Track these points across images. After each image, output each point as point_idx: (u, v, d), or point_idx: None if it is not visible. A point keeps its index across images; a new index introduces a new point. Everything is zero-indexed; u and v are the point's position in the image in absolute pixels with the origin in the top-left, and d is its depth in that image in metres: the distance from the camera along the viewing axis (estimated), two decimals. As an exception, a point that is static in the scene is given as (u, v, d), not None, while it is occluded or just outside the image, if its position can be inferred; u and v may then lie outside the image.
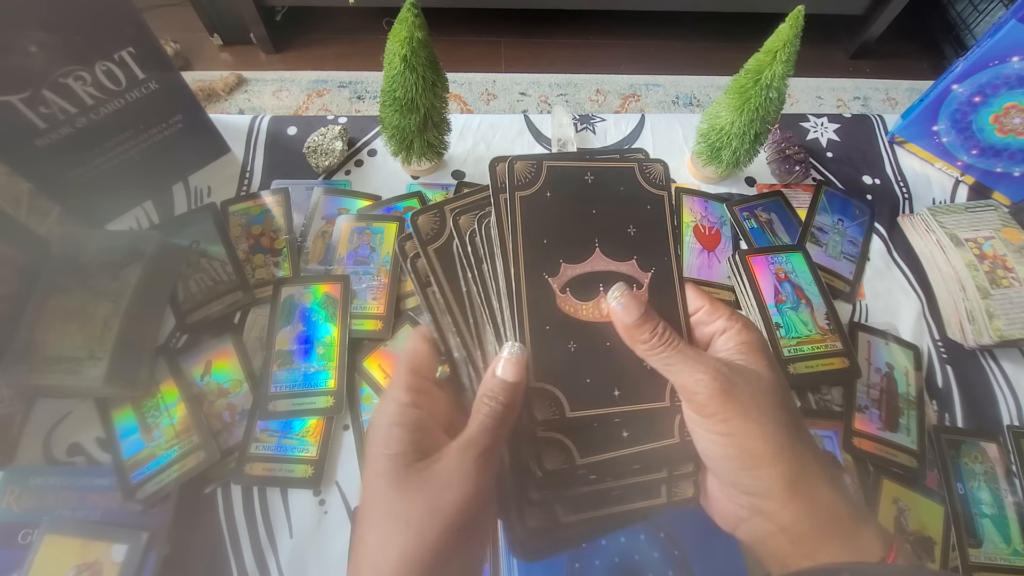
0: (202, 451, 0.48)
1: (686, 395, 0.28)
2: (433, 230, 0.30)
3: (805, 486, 0.26)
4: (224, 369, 0.53)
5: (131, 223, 0.61)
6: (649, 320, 0.28)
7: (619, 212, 0.31)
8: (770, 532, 0.27)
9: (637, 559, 0.42)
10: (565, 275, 0.30)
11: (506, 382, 0.27)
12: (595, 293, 0.30)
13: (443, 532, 0.24)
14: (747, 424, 0.26)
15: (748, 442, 0.26)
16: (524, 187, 0.30)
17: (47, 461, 0.49)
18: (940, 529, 0.49)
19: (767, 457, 0.26)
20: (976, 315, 0.58)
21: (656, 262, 0.31)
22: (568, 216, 0.30)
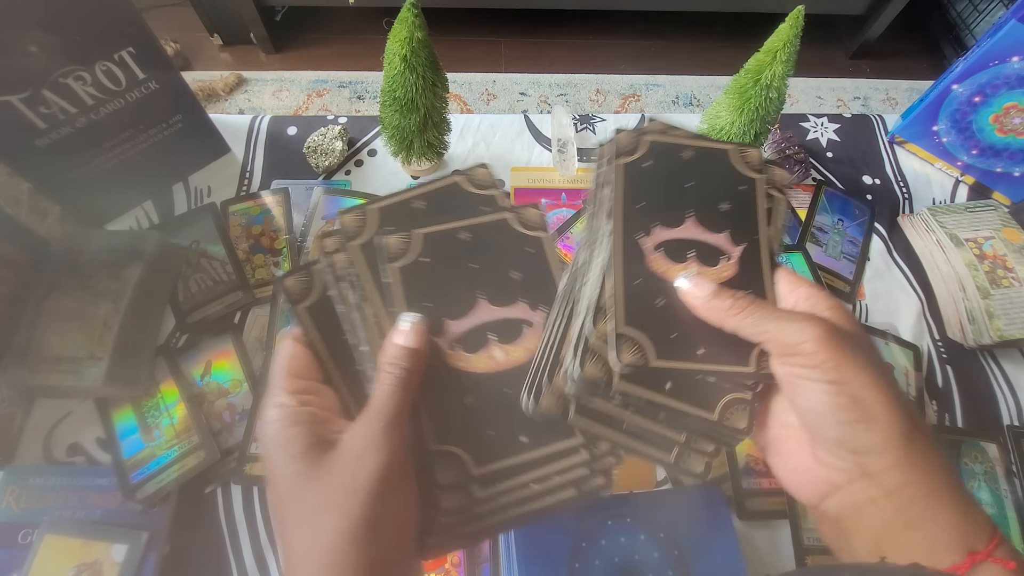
0: (202, 451, 0.48)
1: (788, 350, 0.26)
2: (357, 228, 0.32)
3: (919, 446, 0.24)
4: (224, 369, 0.53)
5: (131, 223, 0.61)
6: (724, 290, 0.28)
7: (714, 188, 0.32)
8: (871, 498, 0.24)
9: (637, 559, 0.42)
10: (658, 237, 0.31)
11: (406, 348, 0.27)
12: (486, 343, 0.30)
13: (365, 503, 0.23)
14: (857, 372, 0.24)
15: (861, 391, 0.24)
16: (626, 154, 0.32)
17: (47, 461, 0.49)
18: None
19: (882, 406, 0.24)
20: (976, 315, 0.58)
21: (747, 237, 0.32)
22: (664, 185, 0.32)
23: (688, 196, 0.32)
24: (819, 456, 0.27)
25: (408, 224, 0.31)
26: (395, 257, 0.30)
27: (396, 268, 0.30)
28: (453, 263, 0.31)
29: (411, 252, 0.30)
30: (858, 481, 0.25)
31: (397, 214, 0.33)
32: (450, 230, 0.32)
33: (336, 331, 0.30)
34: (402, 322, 0.28)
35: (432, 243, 0.31)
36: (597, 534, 0.42)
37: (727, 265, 0.31)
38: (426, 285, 0.30)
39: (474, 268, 0.31)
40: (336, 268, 0.31)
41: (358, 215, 0.32)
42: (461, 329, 0.30)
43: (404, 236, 0.31)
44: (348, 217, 0.32)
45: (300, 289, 0.31)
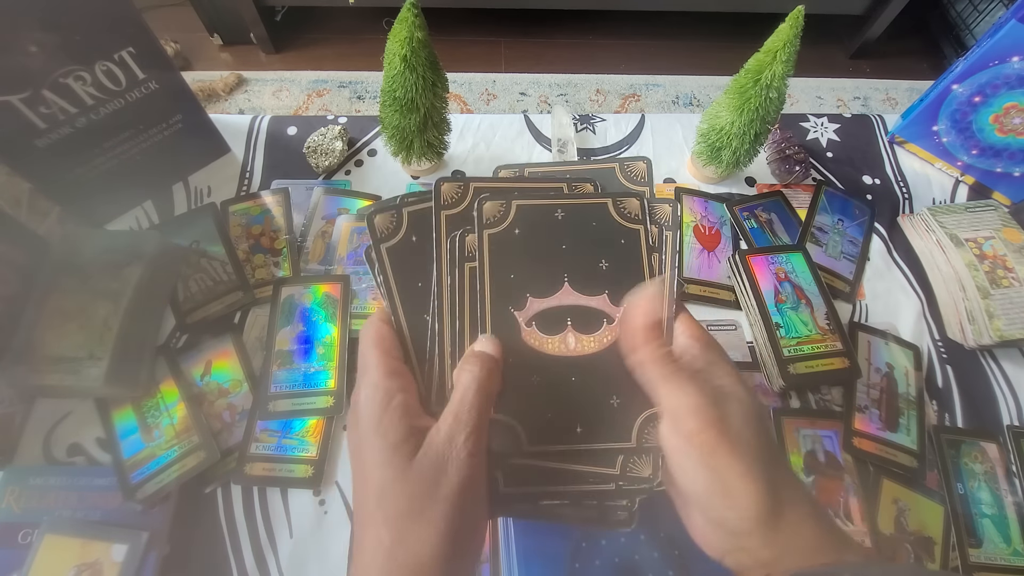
0: (202, 451, 0.48)
1: (675, 419, 0.27)
2: (389, 228, 0.31)
3: (785, 523, 0.26)
4: (224, 369, 0.53)
5: (131, 223, 0.61)
6: (659, 329, 0.28)
7: (590, 247, 0.31)
8: (752, 566, 0.27)
9: (637, 559, 0.42)
10: (532, 309, 0.30)
11: (485, 352, 0.27)
12: (562, 328, 0.30)
13: (452, 516, 0.24)
14: (731, 460, 0.25)
15: (731, 479, 0.26)
16: (493, 225, 0.30)
17: (47, 461, 0.49)
18: (940, 529, 0.49)
19: (751, 495, 0.25)
20: (976, 315, 0.58)
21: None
22: (537, 252, 0.30)
23: (562, 260, 0.31)
24: (706, 524, 0.28)
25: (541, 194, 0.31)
26: (489, 224, 0.30)
27: (487, 235, 0.30)
28: (544, 240, 0.30)
29: (505, 221, 0.30)
30: (738, 552, 0.27)
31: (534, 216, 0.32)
32: (546, 206, 0.31)
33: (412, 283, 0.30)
34: (480, 338, 0.28)
35: (526, 215, 0.30)
36: (597, 534, 0.42)
37: (609, 329, 0.30)
38: (514, 256, 0.30)
39: (564, 249, 0.31)
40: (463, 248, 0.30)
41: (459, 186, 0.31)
42: (541, 308, 0.30)
43: (501, 204, 0.30)
44: (448, 186, 0.31)
45: (388, 227, 0.31)
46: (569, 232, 0.31)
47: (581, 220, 0.31)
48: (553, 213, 0.31)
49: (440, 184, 0.32)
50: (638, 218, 0.32)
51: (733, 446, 0.26)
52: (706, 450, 0.26)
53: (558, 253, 0.31)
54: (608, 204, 0.32)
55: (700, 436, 0.26)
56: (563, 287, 0.30)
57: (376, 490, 0.25)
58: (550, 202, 0.31)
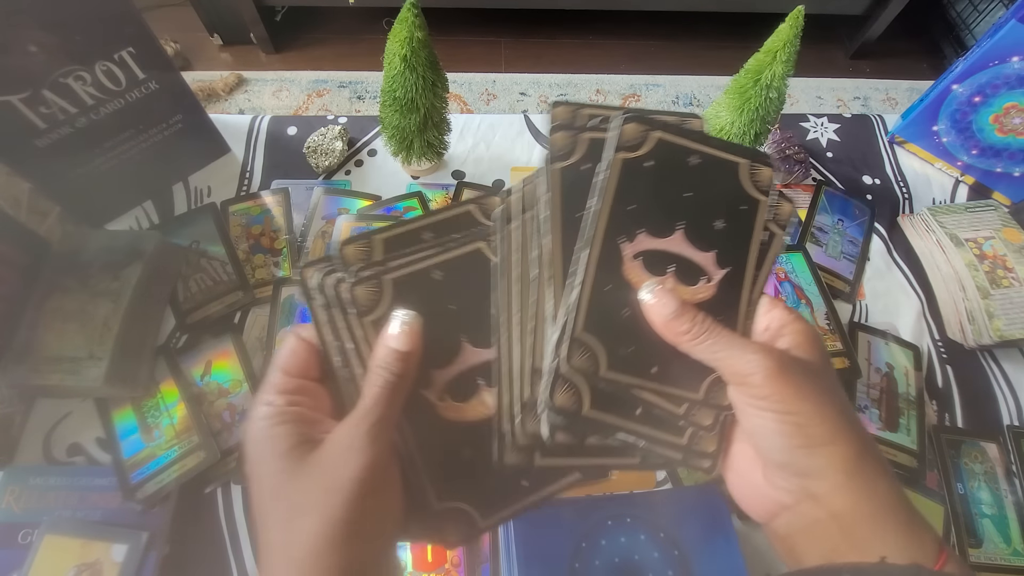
0: (202, 451, 0.48)
1: (738, 379, 0.27)
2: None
3: (864, 471, 0.25)
4: (224, 369, 0.53)
5: (131, 223, 0.61)
6: (687, 311, 0.28)
7: (712, 203, 0.30)
8: (818, 520, 0.25)
9: (637, 559, 0.42)
10: (640, 244, 0.29)
11: (398, 351, 0.26)
12: (664, 271, 0.29)
13: (346, 505, 0.23)
14: (804, 404, 0.25)
15: (806, 421, 0.25)
16: (629, 148, 0.29)
17: (47, 461, 0.49)
18: (940, 529, 0.49)
19: (826, 436, 0.25)
20: (976, 315, 0.58)
21: (734, 262, 0.30)
22: (662, 191, 0.30)
23: (683, 207, 0.30)
24: (768, 477, 0.28)
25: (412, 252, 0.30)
26: (366, 311, 0.28)
27: (368, 323, 0.28)
28: (430, 308, 0.29)
29: (383, 303, 0.28)
30: (804, 503, 0.26)
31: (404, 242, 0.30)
32: (422, 271, 0.29)
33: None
34: (394, 321, 0.27)
35: (403, 289, 0.29)
36: (597, 534, 0.42)
37: (705, 287, 0.30)
38: (638, 188, 0.29)
39: (452, 310, 0.29)
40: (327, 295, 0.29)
41: (362, 247, 0.30)
42: (448, 377, 0.29)
43: (373, 286, 0.28)
44: (351, 249, 0.29)
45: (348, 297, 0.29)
46: (698, 182, 0.30)
47: (713, 173, 0.31)
48: (688, 156, 0.30)
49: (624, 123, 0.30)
50: (764, 188, 0.31)
51: (806, 392, 0.25)
52: (776, 398, 0.25)
53: (680, 198, 0.30)
54: (743, 166, 0.31)
55: (767, 388, 0.26)
56: (676, 234, 0.30)
57: (269, 495, 0.25)
58: (689, 144, 0.30)
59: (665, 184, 0.30)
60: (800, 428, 0.25)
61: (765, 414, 0.26)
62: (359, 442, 0.24)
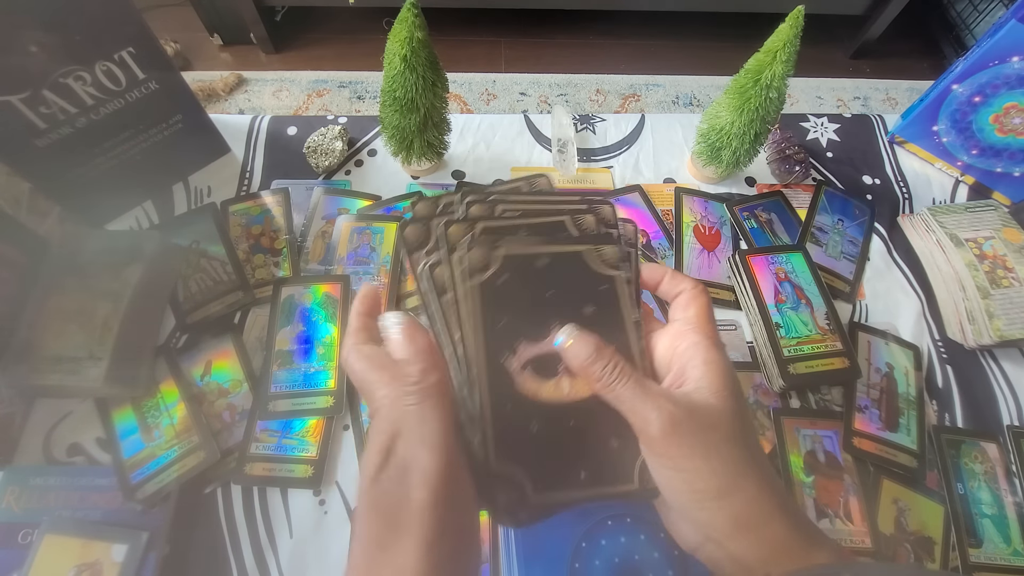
0: (202, 451, 0.48)
1: (637, 431, 0.28)
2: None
3: (754, 521, 0.27)
4: (224, 369, 0.53)
5: (131, 223, 0.61)
6: (602, 356, 0.29)
7: (573, 294, 0.32)
8: (722, 559, 0.28)
9: (637, 559, 0.42)
10: (524, 354, 0.30)
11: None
12: (555, 372, 0.30)
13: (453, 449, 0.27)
14: (694, 463, 0.27)
15: (696, 479, 0.27)
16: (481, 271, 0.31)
17: (47, 461, 0.49)
18: (940, 529, 0.49)
19: (716, 490, 0.27)
20: (976, 315, 0.58)
21: (615, 339, 0.31)
22: (524, 298, 0.31)
23: (550, 306, 0.31)
24: (676, 519, 0.30)
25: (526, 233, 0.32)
26: (475, 271, 0.30)
27: (475, 283, 0.30)
28: (530, 287, 0.31)
29: (489, 269, 0.30)
30: (708, 544, 0.28)
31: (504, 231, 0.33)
32: (530, 255, 0.32)
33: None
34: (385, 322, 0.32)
35: (511, 264, 0.31)
36: (597, 534, 0.42)
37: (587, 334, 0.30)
38: (503, 302, 0.30)
39: (549, 295, 0.31)
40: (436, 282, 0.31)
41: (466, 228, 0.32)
42: (533, 352, 0.30)
43: (485, 252, 0.31)
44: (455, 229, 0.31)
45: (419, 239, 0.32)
46: (553, 278, 0.32)
47: (563, 267, 0.32)
48: (536, 261, 0.32)
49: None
50: (615, 264, 0.33)
51: (693, 449, 0.27)
52: (671, 454, 0.27)
53: (544, 299, 0.31)
54: (587, 253, 0.33)
55: (662, 445, 0.27)
56: (553, 331, 0.31)
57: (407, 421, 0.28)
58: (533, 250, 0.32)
59: (525, 292, 0.31)
60: (689, 484, 0.27)
61: (661, 469, 0.28)
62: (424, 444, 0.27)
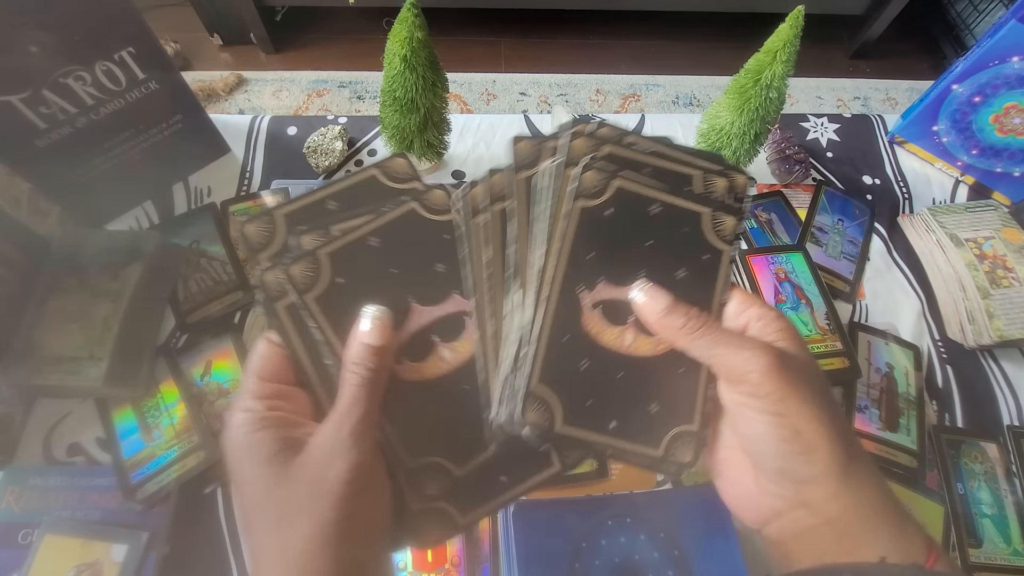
0: (202, 451, 0.48)
1: (736, 376, 0.26)
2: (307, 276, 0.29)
3: (856, 476, 0.25)
4: (224, 369, 0.53)
5: (131, 223, 0.61)
6: (679, 305, 0.28)
7: (674, 253, 0.30)
8: (812, 526, 0.25)
9: (637, 559, 0.42)
10: (600, 294, 0.29)
11: (372, 347, 0.26)
12: (625, 321, 0.29)
13: (335, 507, 0.23)
14: (802, 405, 0.25)
15: (803, 424, 0.25)
16: (589, 196, 0.29)
17: (47, 461, 0.49)
18: (940, 529, 0.49)
19: (822, 440, 0.25)
20: (976, 315, 0.58)
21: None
22: (622, 239, 0.29)
23: (644, 256, 0.29)
24: (761, 483, 0.27)
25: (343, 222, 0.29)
26: (305, 289, 0.28)
27: (311, 300, 0.28)
28: (371, 275, 0.29)
29: (322, 279, 0.28)
30: (798, 509, 0.26)
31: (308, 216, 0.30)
32: (645, 198, 0.29)
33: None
34: (364, 317, 0.27)
35: (623, 199, 0.29)
36: (597, 534, 0.42)
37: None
38: (349, 307, 0.28)
39: (394, 273, 0.29)
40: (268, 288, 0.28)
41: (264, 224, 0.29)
42: (402, 339, 0.28)
43: (309, 265, 0.28)
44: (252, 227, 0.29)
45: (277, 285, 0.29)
46: (658, 231, 0.30)
47: (674, 222, 0.30)
48: (649, 206, 0.30)
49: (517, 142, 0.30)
50: (728, 238, 0.31)
51: (803, 394, 0.25)
52: (775, 398, 0.25)
53: (641, 247, 0.29)
54: (704, 217, 0.30)
55: (766, 386, 0.25)
56: (412, 308, 0.29)
57: (254, 504, 0.24)
58: (651, 193, 0.30)
59: (626, 233, 0.29)
60: (797, 433, 0.25)
61: (761, 416, 0.26)
62: (343, 443, 0.24)
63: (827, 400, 0.26)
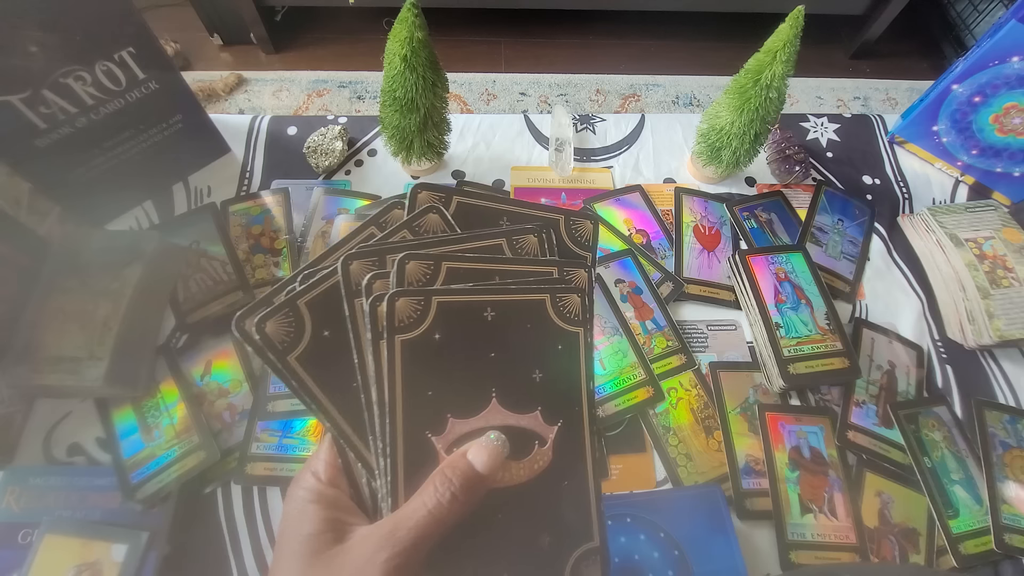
0: (202, 451, 0.48)
1: None
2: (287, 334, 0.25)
3: None
4: (224, 369, 0.53)
5: (131, 223, 0.61)
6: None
7: (523, 354, 0.26)
8: None
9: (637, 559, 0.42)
10: (453, 432, 0.24)
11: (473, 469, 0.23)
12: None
13: None
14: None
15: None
16: (407, 328, 0.24)
17: (47, 461, 0.49)
18: (924, 520, 0.49)
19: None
20: (976, 315, 0.58)
21: (564, 413, 0.27)
22: (460, 361, 0.25)
23: (491, 370, 0.25)
24: None
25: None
26: (402, 327, 0.24)
27: (399, 342, 0.24)
28: (468, 347, 0.25)
29: (422, 323, 0.24)
30: None
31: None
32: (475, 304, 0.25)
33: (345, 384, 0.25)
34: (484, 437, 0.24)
35: (448, 315, 0.25)
36: (597, 534, 0.42)
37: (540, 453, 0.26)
38: (433, 368, 0.24)
39: (492, 358, 0.26)
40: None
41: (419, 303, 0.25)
42: (465, 431, 0.25)
43: (417, 301, 0.24)
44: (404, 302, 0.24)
45: (285, 335, 0.24)
46: (499, 336, 0.26)
47: (514, 321, 0.26)
48: (482, 312, 0.26)
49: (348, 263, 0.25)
50: (578, 319, 0.27)
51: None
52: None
53: (486, 362, 0.25)
54: (546, 301, 0.27)
55: None
56: (491, 404, 0.25)
57: (282, 571, 0.23)
58: (479, 298, 0.26)
59: (463, 353, 0.25)
60: None
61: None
62: (379, 568, 0.21)
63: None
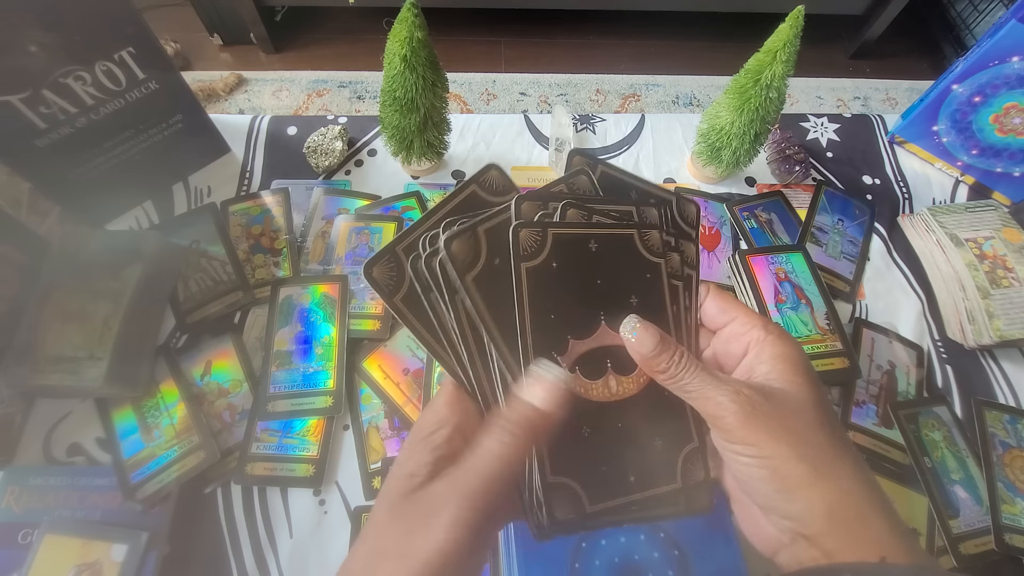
0: (202, 451, 0.48)
1: (711, 421, 0.27)
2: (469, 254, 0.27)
3: (852, 513, 0.24)
4: (224, 369, 0.53)
5: (131, 223, 0.61)
6: (666, 348, 0.27)
7: (621, 282, 0.29)
8: (814, 558, 0.25)
9: (637, 559, 0.42)
10: (574, 352, 0.27)
11: (537, 411, 0.24)
12: (603, 371, 0.28)
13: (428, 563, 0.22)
14: (777, 447, 0.24)
15: (781, 464, 0.24)
16: (530, 256, 0.27)
17: (47, 461, 0.49)
18: (924, 520, 0.49)
19: (803, 479, 0.24)
20: (976, 315, 0.57)
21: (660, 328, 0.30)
22: (574, 288, 0.28)
23: (599, 297, 0.29)
24: (765, 514, 0.27)
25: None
26: (526, 255, 0.27)
27: (524, 269, 0.27)
28: (579, 275, 0.28)
29: (541, 253, 0.27)
30: (799, 542, 0.25)
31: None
32: (581, 235, 0.28)
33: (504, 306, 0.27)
34: (540, 372, 0.25)
35: (562, 246, 0.28)
36: (597, 534, 0.42)
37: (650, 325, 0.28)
38: (551, 294, 0.27)
39: (598, 284, 0.29)
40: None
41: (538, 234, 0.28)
42: (583, 350, 0.28)
43: (537, 232, 0.27)
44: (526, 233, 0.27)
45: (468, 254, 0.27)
46: (602, 266, 0.29)
47: (612, 252, 0.29)
48: (587, 244, 0.29)
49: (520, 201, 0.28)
50: (659, 251, 0.31)
51: (775, 432, 0.25)
52: (749, 442, 0.25)
53: (594, 289, 0.29)
54: (634, 236, 0.30)
55: (739, 432, 0.25)
56: (600, 326, 0.28)
57: (374, 510, 0.24)
58: (586, 231, 0.29)
59: (576, 281, 0.28)
60: (775, 472, 0.25)
61: (740, 458, 0.26)
62: (449, 512, 0.22)
63: (817, 435, 0.25)
